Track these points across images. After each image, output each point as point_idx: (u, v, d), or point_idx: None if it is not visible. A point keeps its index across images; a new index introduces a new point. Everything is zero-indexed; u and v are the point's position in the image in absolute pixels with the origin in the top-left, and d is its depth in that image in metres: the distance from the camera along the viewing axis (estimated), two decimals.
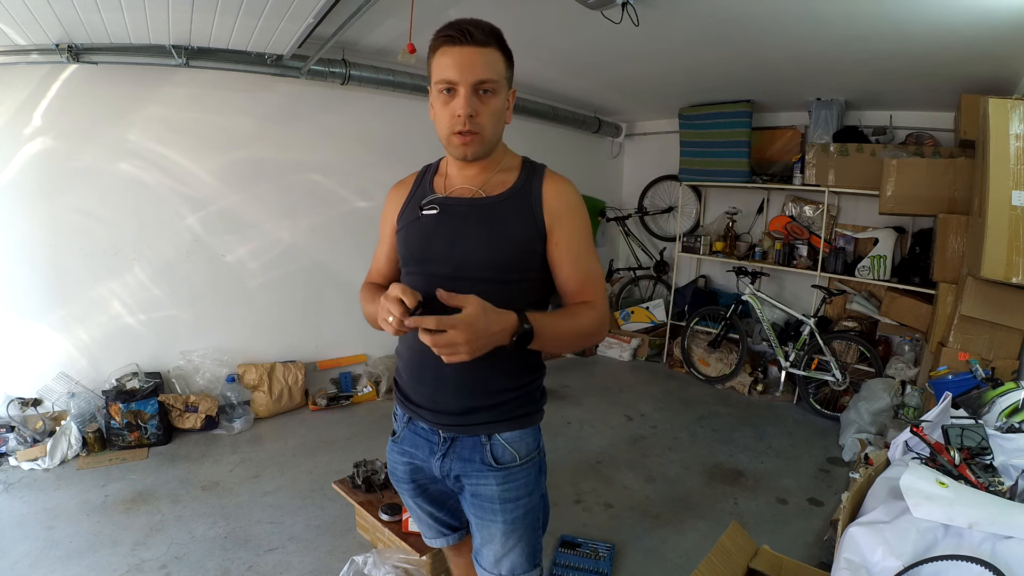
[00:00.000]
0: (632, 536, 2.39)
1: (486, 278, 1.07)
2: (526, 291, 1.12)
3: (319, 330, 3.88)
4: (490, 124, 1.05)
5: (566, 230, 1.10)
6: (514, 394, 1.13)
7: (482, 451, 1.13)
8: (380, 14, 2.72)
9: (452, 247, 1.09)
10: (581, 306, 1.10)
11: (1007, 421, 1.70)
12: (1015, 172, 2.31)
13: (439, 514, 1.29)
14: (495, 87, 1.03)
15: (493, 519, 1.15)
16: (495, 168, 1.14)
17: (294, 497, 2.59)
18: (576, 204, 1.12)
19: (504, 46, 1.06)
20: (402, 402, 1.22)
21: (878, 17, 2.45)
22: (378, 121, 3.90)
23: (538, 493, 1.19)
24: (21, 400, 2.88)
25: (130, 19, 2.40)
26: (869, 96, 3.84)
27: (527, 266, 1.10)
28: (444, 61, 1.02)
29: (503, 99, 1.07)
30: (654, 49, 3.22)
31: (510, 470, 1.13)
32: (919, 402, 3.07)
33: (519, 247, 1.08)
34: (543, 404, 1.21)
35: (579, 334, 1.07)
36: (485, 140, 1.06)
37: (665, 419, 3.73)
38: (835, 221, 4.32)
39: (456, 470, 1.15)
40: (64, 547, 2.15)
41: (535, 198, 1.10)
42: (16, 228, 2.83)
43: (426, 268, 1.12)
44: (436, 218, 1.12)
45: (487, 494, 1.14)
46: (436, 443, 1.16)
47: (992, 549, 1.02)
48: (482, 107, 1.03)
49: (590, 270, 1.12)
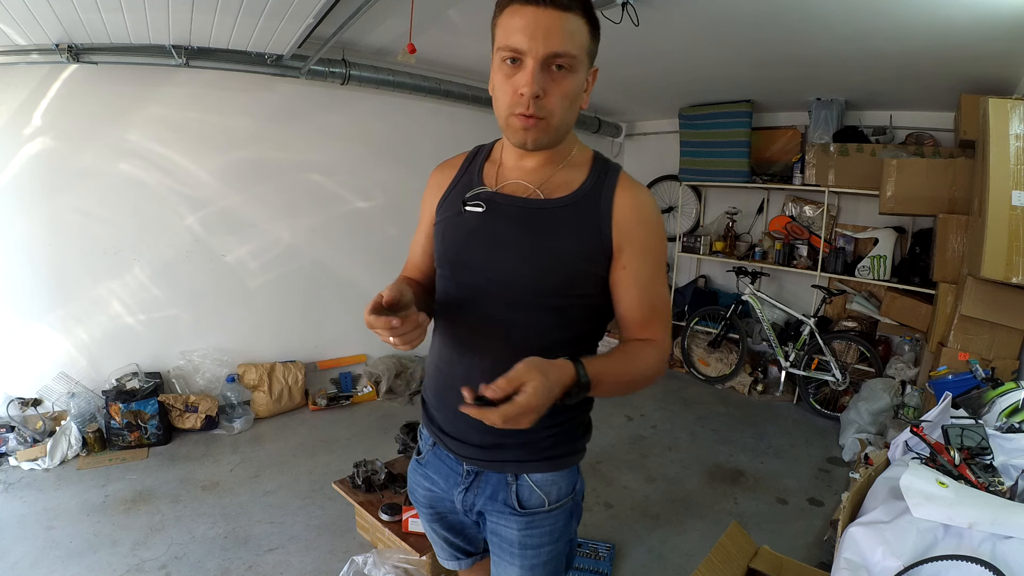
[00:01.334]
0: (632, 536, 2.39)
1: (527, 300, 0.90)
2: (576, 319, 0.94)
3: (319, 330, 3.88)
4: (561, 108, 0.85)
5: (637, 252, 0.90)
6: (549, 432, 0.96)
7: (506, 491, 0.99)
8: (380, 14, 2.72)
9: (491, 256, 0.92)
10: (644, 345, 0.92)
11: (1007, 421, 1.70)
12: (1015, 172, 2.31)
13: (455, 540, 1.16)
14: (572, 63, 0.83)
15: (510, 562, 1.02)
16: (560, 163, 0.94)
17: (294, 497, 2.59)
18: (654, 221, 0.93)
19: (591, 13, 0.85)
20: (428, 424, 1.09)
21: (878, 17, 2.45)
22: (378, 121, 3.90)
23: (565, 539, 1.04)
24: (21, 400, 2.88)
25: (130, 19, 2.40)
26: (869, 96, 3.84)
27: (582, 291, 0.91)
28: (512, 23, 0.82)
29: (581, 79, 0.86)
30: (654, 49, 3.22)
31: (535, 516, 0.99)
32: (919, 402, 3.07)
33: (574, 267, 0.89)
34: (585, 442, 1.04)
35: (637, 381, 0.91)
36: (552, 128, 0.87)
37: (665, 419, 3.73)
38: (835, 221, 4.32)
39: (479, 506, 1.03)
40: (64, 547, 2.15)
41: (604, 208, 0.90)
42: (16, 228, 2.83)
43: (458, 275, 0.97)
44: (480, 217, 0.94)
45: (507, 536, 1.01)
46: (460, 475, 1.03)
47: (992, 549, 1.01)
48: (553, 86, 0.83)
49: (659, 302, 0.94)
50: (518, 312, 0.90)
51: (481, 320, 0.95)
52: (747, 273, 4.26)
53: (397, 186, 4.02)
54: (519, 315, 0.91)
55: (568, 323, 0.93)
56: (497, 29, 0.86)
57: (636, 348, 0.91)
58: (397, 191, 4.03)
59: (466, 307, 0.97)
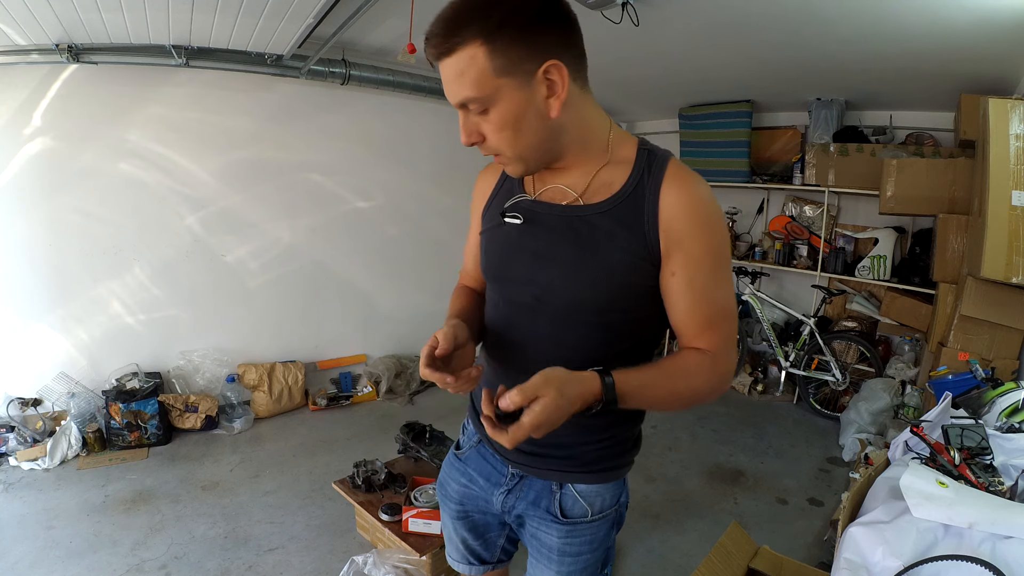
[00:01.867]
0: (632, 536, 2.39)
1: (573, 315, 0.86)
2: (627, 333, 0.88)
3: (319, 330, 3.88)
4: (505, 141, 0.79)
5: (689, 255, 0.80)
6: (596, 445, 0.94)
7: (550, 499, 0.96)
8: (380, 14, 2.72)
9: (534, 271, 0.87)
10: (694, 356, 0.83)
11: (1007, 421, 1.70)
12: (1015, 172, 2.31)
13: (474, 543, 1.12)
14: (482, 101, 0.75)
15: (547, 566, 1.00)
16: (599, 161, 0.85)
17: (294, 497, 2.59)
18: (709, 217, 0.81)
19: (486, 28, 0.71)
20: (475, 419, 1.06)
21: (878, 17, 2.45)
22: (378, 121, 3.89)
23: (604, 547, 1.01)
24: (21, 400, 2.88)
25: (130, 19, 2.40)
26: (869, 96, 3.84)
27: (630, 304, 0.85)
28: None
29: (510, 104, 0.75)
30: (654, 49, 3.21)
31: (577, 525, 0.96)
32: (919, 402, 3.07)
33: (620, 280, 0.82)
34: (633, 455, 1.00)
35: (684, 395, 0.83)
36: (517, 158, 0.81)
37: (665, 419, 3.73)
38: (835, 221, 4.31)
39: (519, 510, 1.00)
40: (64, 547, 2.15)
41: (649, 208, 0.80)
42: (16, 228, 2.83)
43: (505, 291, 0.93)
44: (519, 229, 0.88)
45: (547, 542, 0.99)
46: (504, 476, 1.01)
47: (992, 549, 1.01)
48: (485, 126, 0.79)
49: (718, 309, 0.83)
50: (564, 329, 0.86)
51: (527, 336, 0.92)
52: (747, 273, 4.26)
53: (397, 186, 4.02)
54: (565, 332, 0.87)
55: (618, 337, 0.87)
56: None
57: (684, 360, 0.83)
58: (397, 191, 4.03)
59: (513, 322, 0.94)
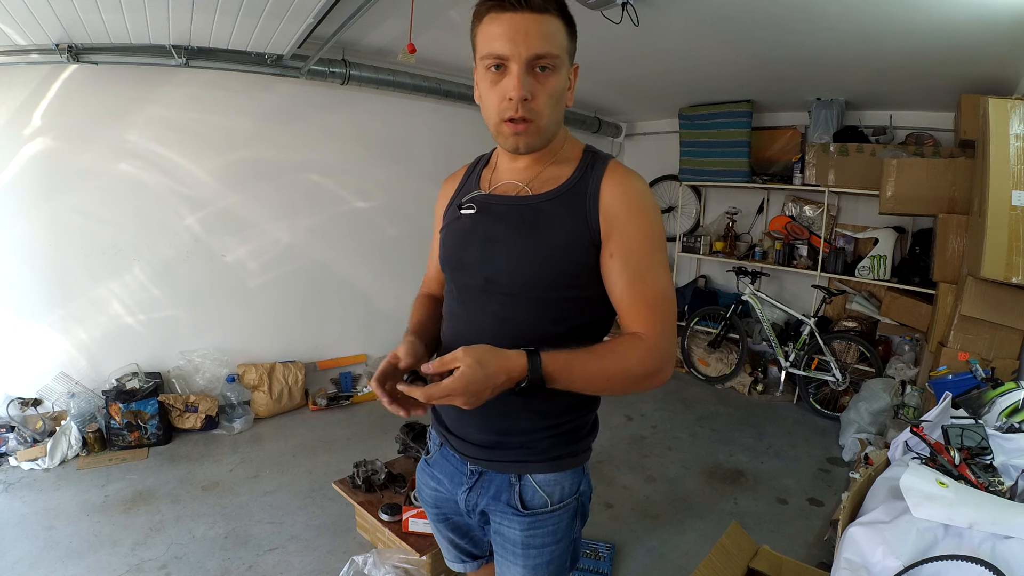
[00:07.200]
0: (632, 536, 2.39)
1: (520, 294, 0.91)
2: (576, 311, 0.93)
3: (319, 330, 3.88)
4: (548, 109, 0.87)
5: (624, 238, 0.88)
6: (550, 432, 0.97)
7: (509, 492, 0.99)
8: (380, 14, 2.72)
9: (485, 255, 0.94)
10: (626, 339, 0.87)
11: (1007, 421, 1.70)
12: (1015, 172, 2.31)
13: (461, 542, 1.16)
14: (555, 63, 0.85)
15: (513, 562, 1.02)
16: (550, 160, 0.95)
17: (294, 497, 2.59)
18: (642, 204, 0.90)
19: (566, 13, 0.87)
20: (435, 423, 1.10)
21: (879, 16, 2.45)
22: (378, 121, 3.89)
23: (568, 539, 1.04)
24: (21, 400, 2.88)
25: (130, 19, 2.40)
26: (869, 96, 3.84)
27: (574, 282, 0.91)
28: (492, 30, 0.84)
29: (564, 78, 0.88)
30: (654, 49, 3.22)
31: (538, 516, 0.99)
32: (919, 402, 3.07)
33: (563, 258, 0.89)
34: (590, 442, 1.04)
35: (617, 377, 0.85)
36: (541, 129, 0.88)
37: (665, 419, 3.73)
38: (835, 221, 4.32)
39: (481, 506, 1.03)
40: (64, 547, 2.15)
41: (591, 197, 0.90)
42: (16, 228, 2.83)
43: (459, 278, 0.99)
44: (473, 219, 0.97)
45: (510, 536, 1.01)
46: (464, 475, 1.04)
47: (992, 549, 1.01)
48: (539, 88, 0.85)
49: (652, 291, 0.89)
50: (512, 308, 0.91)
51: (480, 318, 0.96)
52: (747, 273, 4.26)
53: (397, 186, 4.02)
54: (513, 311, 0.92)
55: (561, 317, 0.92)
56: (477, 39, 0.89)
57: (618, 343, 0.87)
58: (397, 191, 4.03)
59: (467, 307, 0.99)
